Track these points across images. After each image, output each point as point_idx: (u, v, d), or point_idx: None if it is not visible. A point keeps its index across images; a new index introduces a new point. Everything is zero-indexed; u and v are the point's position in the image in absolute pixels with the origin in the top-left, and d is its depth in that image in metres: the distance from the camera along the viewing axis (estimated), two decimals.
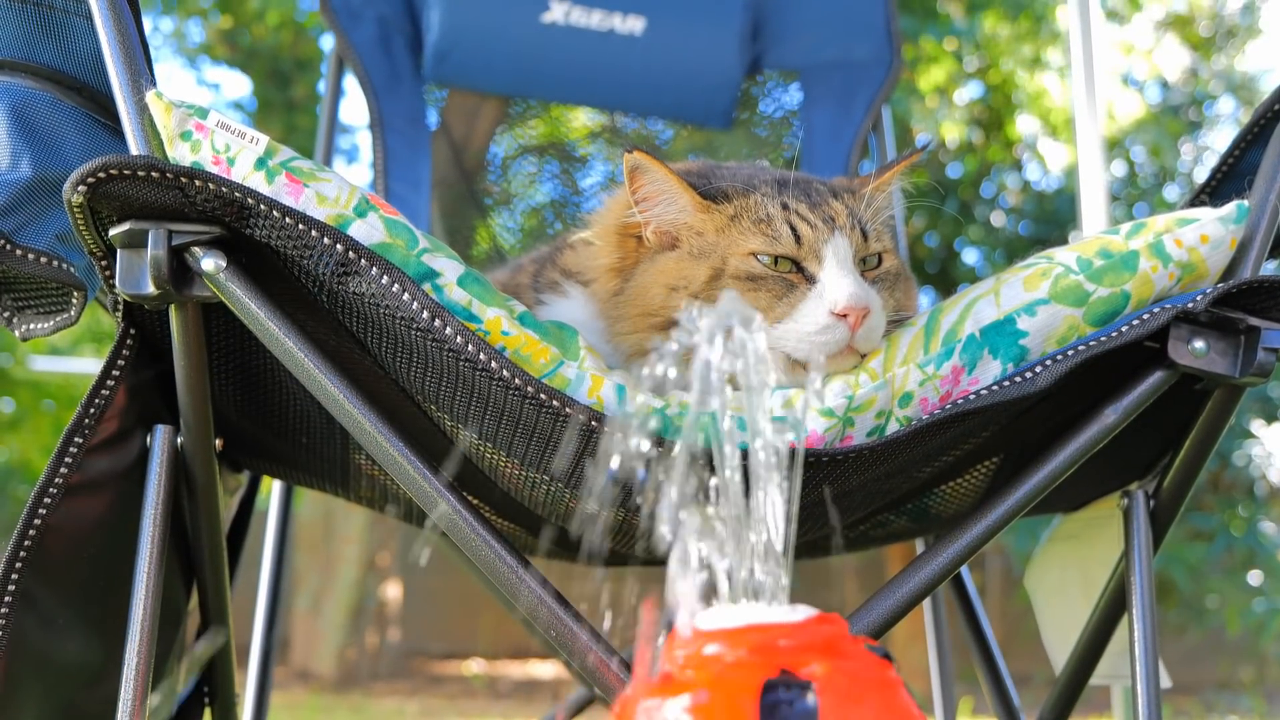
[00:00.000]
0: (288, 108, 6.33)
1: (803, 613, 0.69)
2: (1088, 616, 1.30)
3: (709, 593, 0.71)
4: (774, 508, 0.69)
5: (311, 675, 6.49)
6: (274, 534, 1.74)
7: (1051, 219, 6.27)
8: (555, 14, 2.12)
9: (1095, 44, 2.92)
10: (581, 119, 2.37)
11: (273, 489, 1.76)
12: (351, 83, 2.13)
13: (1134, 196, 6.57)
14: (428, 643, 7.27)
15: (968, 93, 6.49)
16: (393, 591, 6.99)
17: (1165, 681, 1.30)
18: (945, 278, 6.33)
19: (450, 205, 2.24)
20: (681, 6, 2.17)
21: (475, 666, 6.91)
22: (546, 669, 6.54)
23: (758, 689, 0.64)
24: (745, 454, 0.69)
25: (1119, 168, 6.55)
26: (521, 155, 2.32)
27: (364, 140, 6.89)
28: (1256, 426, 4.94)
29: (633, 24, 2.13)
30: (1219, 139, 6.56)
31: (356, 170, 6.59)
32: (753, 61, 2.23)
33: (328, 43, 3.72)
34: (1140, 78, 6.60)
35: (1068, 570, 1.43)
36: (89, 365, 6.96)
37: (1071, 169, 5.80)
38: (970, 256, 6.52)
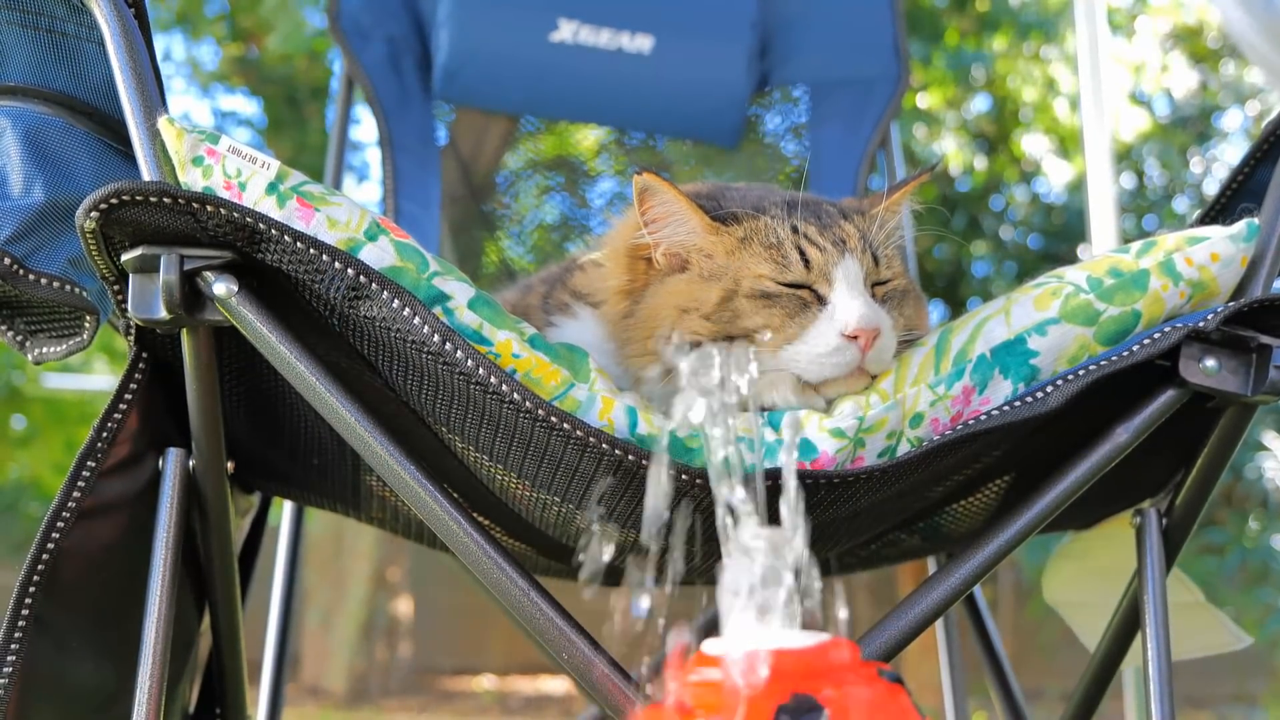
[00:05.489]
0: (298, 126, 6.36)
1: (815, 637, 0.69)
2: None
3: (721, 616, 0.71)
4: (785, 530, 0.70)
5: (322, 691, 6.49)
6: (285, 551, 1.74)
7: (1060, 232, 6.26)
8: (564, 33, 2.13)
9: (1102, 56, 2.92)
10: (589, 135, 2.38)
11: (284, 506, 1.77)
12: (362, 108, 2.14)
13: (1143, 209, 6.56)
14: (438, 658, 7.26)
15: (975, 106, 6.49)
16: (403, 607, 6.99)
17: (1246, 639, 1.32)
18: (954, 291, 6.32)
19: (459, 222, 2.24)
20: (690, 25, 2.17)
21: (486, 682, 6.89)
22: (557, 685, 6.52)
23: (770, 714, 0.64)
24: (756, 477, 0.69)
25: (1128, 180, 6.55)
26: (529, 172, 2.33)
27: (374, 157, 6.92)
28: (1269, 439, 4.92)
29: (641, 42, 2.13)
30: (1229, 151, 6.56)
31: (367, 188, 6.61)
32: (761, 79, 2.24)
33: (338, 66, 3.74)
34: (1148, 91, 6.60)
35: (1087, 584, 1.43)
36: (101, 382, 6.99)
37: (1079, 183, 5.80)
38: (979, 270, 6.51)
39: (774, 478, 0.84)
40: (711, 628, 0.71)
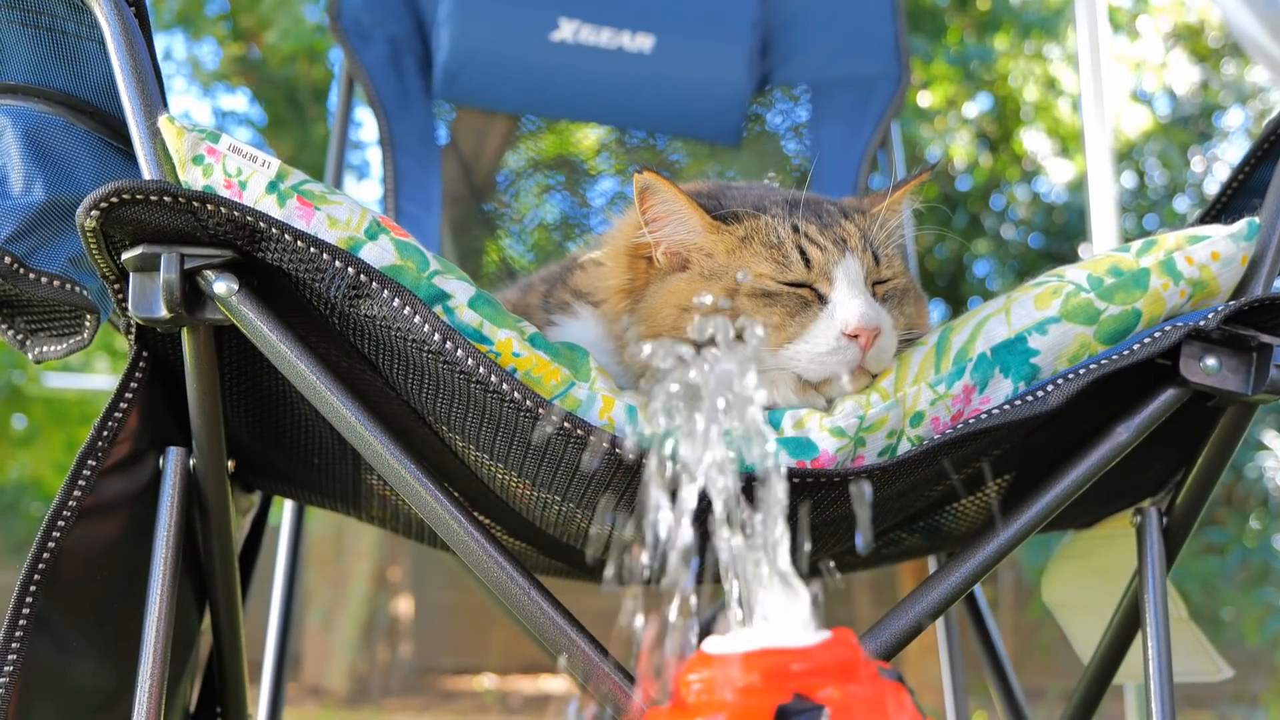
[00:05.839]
0: (299, 125, 6.36)
1: (816, 636, 0.69)
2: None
3: (723, 615, 0.71)
4: (786, 529, 0.69)
5: (323, 691, 6.49)
6: (286, 551, 1.74)
7: (1061, 231, 6.25)
8: (564, 32, 2.13)
9: (1103, 54, 2.92)
10: (590, 134, 2.38)
11: (284, 506, 1.77)
12: (363, 113, 2.14)
13: (1143, 208, 6.56)
14: (439, 658, 7.26)
15: (976, 105, 6.49)
16: (404, 607, 6.99)
17: (1227, 671, 1.32)
18: (955, 290, 6.32)
19: (460, 222, 2.24)
20: (690, 24, 2.17)
21: (487, 681, 6.89)
22: (558, 684, 6.52)
23: (771, 713, 0.64)
24: (756, 476, 0.69)
25: (1129, 179, 6.54)
26: (530, 171, 2.33)
27: (375, 156, 6.92)
28: (1270, 438, 4.91)
29: (641, 42, 2.13)
30: (1230, 150, 6.55)
31: (367, 186, 6.61)
32: (762, 78, 2.24)
33: (339, 67, 3.75)
34: (1149, 90, 6.60)
35: (1086, 585, 1.43)
36: (102, 382, 6.98)
37: (1080, 182, 5.80)
38: (980, 269, 6.51)
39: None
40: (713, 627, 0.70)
